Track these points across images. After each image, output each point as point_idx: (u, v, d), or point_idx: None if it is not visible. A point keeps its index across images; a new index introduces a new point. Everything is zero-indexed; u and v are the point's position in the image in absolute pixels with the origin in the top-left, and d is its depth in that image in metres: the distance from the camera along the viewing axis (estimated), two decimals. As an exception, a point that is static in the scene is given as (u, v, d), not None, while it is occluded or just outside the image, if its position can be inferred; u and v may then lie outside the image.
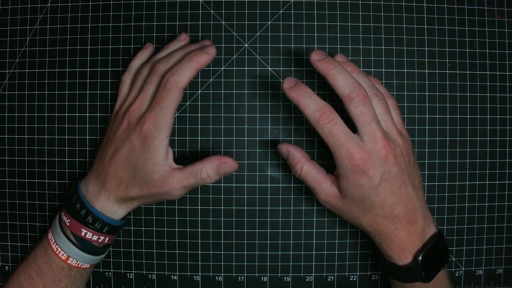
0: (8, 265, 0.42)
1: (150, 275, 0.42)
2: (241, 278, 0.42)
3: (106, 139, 0.36)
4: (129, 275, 0.42)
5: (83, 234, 0.34)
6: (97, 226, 0.34)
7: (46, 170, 0.42)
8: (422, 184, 0.35)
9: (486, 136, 0.41)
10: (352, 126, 0.32)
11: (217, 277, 0.42)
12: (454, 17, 0.41)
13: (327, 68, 0.32)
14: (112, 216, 0.35)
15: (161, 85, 0.32)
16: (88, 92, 0.41)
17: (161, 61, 0.35)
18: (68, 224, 0.34)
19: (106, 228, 0.34)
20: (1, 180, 0.42)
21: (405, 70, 0.41)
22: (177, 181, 0.33)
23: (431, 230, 0.34)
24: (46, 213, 0.42)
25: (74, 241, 0.34)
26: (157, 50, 0.40)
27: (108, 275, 0.42)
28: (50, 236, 0.35)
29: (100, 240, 0.34)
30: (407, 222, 0.33)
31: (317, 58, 0.33)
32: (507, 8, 0.41)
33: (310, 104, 0.32)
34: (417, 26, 0.41)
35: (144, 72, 0.36)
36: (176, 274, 0.42)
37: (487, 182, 0.42)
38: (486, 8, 0.41)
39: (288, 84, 0.33)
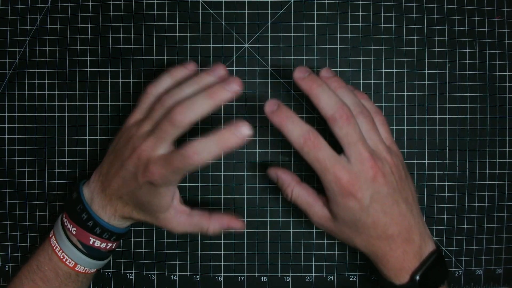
0: (8, 265, 0.42)
1: (150, 275, 0.42)
2: (241, 278, 0.42)
3: (114, 153, 0.33)
4: (129, 275, 0.42)
5: (91, 242, 0.34)
6: (105, 236, 0.34)
7: (46, 170, 0.42)
8: (417, 196, 0.35)
9: (486, 136, 0.42)
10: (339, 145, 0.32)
11: (217, 277, 0.42)
12: (454, 17, 0.41)
13: (310, 87, 0.31)
14: (119, 226, 0.35)
15: (182, 154, 0.29)
16: (88, 92, 0.41)
17: (181, 111, 0.30)
18: (74, 232, 0.33)
19: (114, 237, 0.35)
20: (1, 180, 0.42)
21: (405, 70, 0.41)
22: (182, 225, 0.34)
23: (429, 247, 0.33)
24: (46, 213, 0.42)
25: (82, 249, 0.34)
26: (159, 50, 0.40)
27: (108, 275, 0.42)
28: (53, 242, 0.34)
29: (108, 247, 0.35)
30: (402, 242, 0.32)
31: (299, 76, 0.31)
32: (507, 8, 0.41)
33: (294, 129, 0.31)
34: (417, 26, 0.41)
35: (166, 104, 0.32)
36: (176, 274, 0.42)
37: (487, 182, 0.42)
38: (486, 8, 0.41)
39: (270, 107, 0.31)
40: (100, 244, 0.34)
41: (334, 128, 0.31)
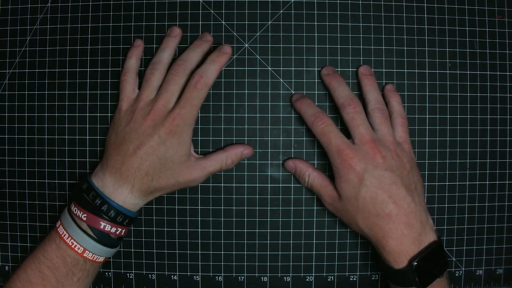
0: (8, 265, 0.42)
1: (150, 275, 0.42)
2: (241, 278, 0.42)
3: (121, 135, 0.36)
4: (129, 275, 0.42)
5: (101, 227, 0.34)
6: (119, 219, 0.35)
7: (46, 170, 0.42)
8: (423, 192, 0.37)
9: (487, 136, 0.41)
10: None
11: (217, 277, 0.42)
12: (454, 17, 0.41)
13: (330, 82, 0.39)
14: (133, 209, 0.36)
15: (190, 85, 0.36)
16: (88, 92, 0.41)
17: (179, 63, 0.37)
18: (84, 218, 0.34)
19: (126, 221, 0.36)
20: (1, 180, 0.42)
21: (406, 70, 0.41)
22: (203, 168, 0.37)
23: (430, 237, 0.34)
24: (46, 213, 0.42)
25: (92, 234, 0.34)
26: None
27: (108, 275, 0.42)
28: (61, 231, 0.35)
29: (117, 232, 0.36)
30: (400, 224, 0.33)
31: (325, 72, 0.39)
32: (507, 8, 0.41)
33: (309, 110, 0.38)
34: (417, 26, 0.41)
35: (157, 72, 0.37)
36: (176, 274, 0.42)
37: (487, 182, 0.42)
38: (486, 8, 0.41)
39: (295, 97, 0.40)
40: (111, 228, 0.35)
41: (343, 113, 0.37)
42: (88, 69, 0.41)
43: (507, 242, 0.42)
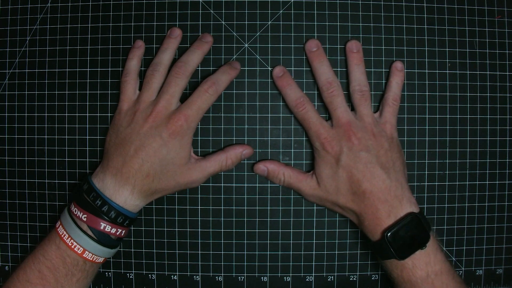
0: (8, 265, 0.42)
1: (150, 275, 0.42)
2: (241, 278, 0.42)
3: (121, 136, 0.36)
4: (129, 275, 0.42)
5: (102, 227, 0.34)
6: (119, 220, 0.35)
7: (46, 170, 0.42)
8: (404, 168, 0.38)
9: (486, 136, 0.41)
10: None
11: (217, 277, 0.42)
12: (454, 17, 0.41)
13: (313, 60, 0.39)
14: (133, 210, 0.36)
15: (202, 89, 0.37)
16: (88, 92, 0.41)
17: (179, 65, 0.37)
18: (84, 219, 0.34)
19: (127, 222, 0.36)
20: (1, 180, 0.42)
21: (405, 70, 0.41)
22: (203, 169, 0.37)
23: (405, 209, 0.35)
24: (46, 213, 0.42)
25: (92, 234, 0.34)
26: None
27: (108, 275, 0.42)
28: (61, 231, 0.35)
29: (117, 233, 0.36)
30: (375, 199, 0.35)
31: (309, 48, 0.40)
32: (507, 8, 0.41)
33: (291, 93, 0.39)
34: (417, 26, 0.41)
35: (158, 74, 0.38)
36: (176, 274, 0.42)
37: (487, 182, 0.42)
38: (486, 8, 0.41)
39: (276, 73, 0.40)
40: (111, 229, 0.35)
41: (322, 96, 0.39)
42: (88, 69, 0.41)
43: (507, 242, 0.42)
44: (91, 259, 0.35)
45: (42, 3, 0.41)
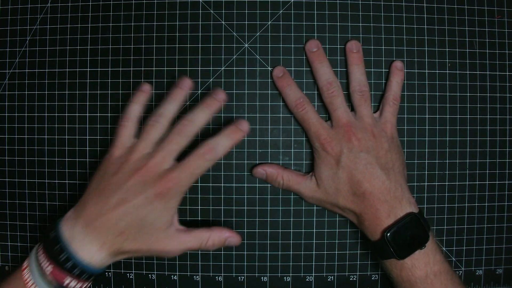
0: (8, 265, 0.42)
1: (150, 275, 0.42)
2: (241, 278, 0.42)
3: (104, 183, 0.34)
4: (129, 275, 0.42)
5: (66, 283, 0.32)
6: (84, 277, 0.32)
7: (46, 170, 0.42)
8: (403, 168, 0.38)
9: (486, 136, 0.41)
10: None
11: (217, 277, 0.42)
12: (454, 17, 0.41)
13: (313, 60, 0.39)
14: (99, 266, 0.33)
15: (198, 153, 0.34)
16: (88, 92, 0.41)
17: (185, 123, 0.35)
18: (48, 272, 0.32)
19: (92, 278, 0.33)
20: (1, 180, 0.42)
21: (405, 70, 0.41)
22: (181, 242, 0.34)
23: (405, 210, 0.35)
24: (46, 213, 0.42)
25: (56, 287, 0.32)
26: (159, 50, 0.40)
27: (108, 275, 0.42)
28: (26, 276, 0.32)
29: (82, 287, 0.33)
30: (375, 200, 0.35)
31: (309, 49, 0.40)
32: (507, 8, 0.41)
33: (290, 94, 0.39)
34: (417, 26, 0.41)
35: (158, 126, 0.35)
36: (176, 274, 0.42)
37: (487, 182, 0.42)
38: (486, 8, 0.41)
39: (276, 73, 0.40)
40: (76, 284, 0.32)
41: (322, 96, 0.39)
42: (88, 69, 0.41)
43: (507, 242, 0.42)
44: None
45: (42, 3, 0.41)
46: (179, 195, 0.34)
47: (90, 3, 0.41)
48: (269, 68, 0.41)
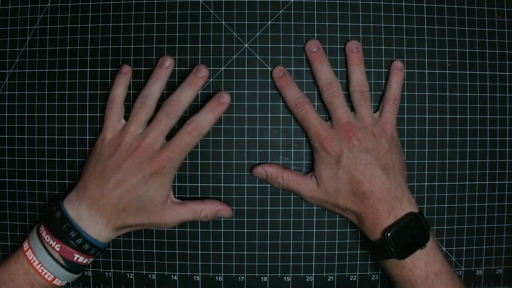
0: (8, 265, 0.42)
1: (150, 275, 0.42)
2: (241, 278, 0.42)
3: (102, 166, 0.36)
4: (129, 275, 0.42)
5: (75, 259, 0.34)
6: (92, 252, 0.35)
7: (46, 170, 0.42)
8: (403, 168, 0.38)
9: (486, 136, 0.41)
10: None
11: (217, 277, 0.42)
12: (454, 17, 0.41)
13: (314, 61, 0.39)
14: (105, 242, 0.36)
15: (185, 131, 0.36)
16: (88, 92, 0.41)
17: (172, 104, 0.36)
18: (58, 249, 0.34)
19: (98, 252, 0.36)
20: (1, 180, 0.42)
21: (405, 70, 0.41)
22: (177, 214, 0.37)
23: (405, 210, 0.35)
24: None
25: (63, 263, 0.34)
26: (159, 50, 0.40)
27: (108, 275, 0.42)
28: (30, 256, 0.34)
29: (88, 262, 0.36)
30: (375, 200, 0.35)
31: (310, 49, 0.40)
32: (507, 8, 0.41)
33: (290, 94, 0.39)
34: (417, 26, 0.41)
35: (146, 107, 0.37)
36: (176, 274, 0.42)
37: (487, 182, 0.42)
38: (486, 8, 0.41)
39: (277, 73, 0.40)
40: (83, 259, 0.35)
41: (323, 96, 0.39)
42: (88, 69, 0.41)
43: (507, 242, 0.42)
44: (59, 284, 0.35)
45: (42, 3, 0.41)
46: (172, 171, 0.36)
47: (90, 3, 0.41)
48: (269, 68, 0.41)
